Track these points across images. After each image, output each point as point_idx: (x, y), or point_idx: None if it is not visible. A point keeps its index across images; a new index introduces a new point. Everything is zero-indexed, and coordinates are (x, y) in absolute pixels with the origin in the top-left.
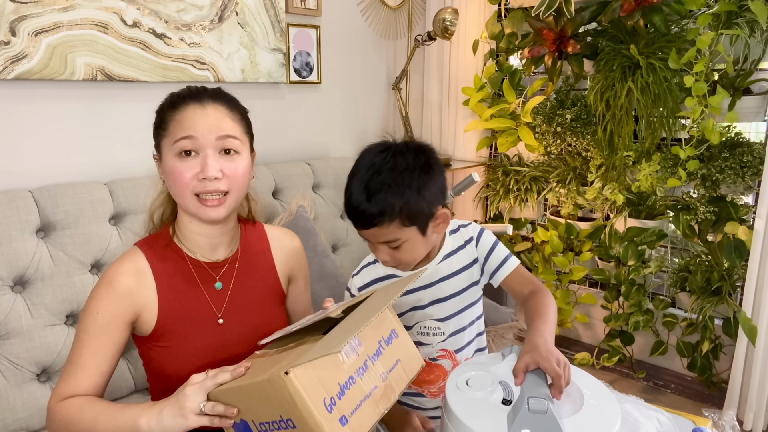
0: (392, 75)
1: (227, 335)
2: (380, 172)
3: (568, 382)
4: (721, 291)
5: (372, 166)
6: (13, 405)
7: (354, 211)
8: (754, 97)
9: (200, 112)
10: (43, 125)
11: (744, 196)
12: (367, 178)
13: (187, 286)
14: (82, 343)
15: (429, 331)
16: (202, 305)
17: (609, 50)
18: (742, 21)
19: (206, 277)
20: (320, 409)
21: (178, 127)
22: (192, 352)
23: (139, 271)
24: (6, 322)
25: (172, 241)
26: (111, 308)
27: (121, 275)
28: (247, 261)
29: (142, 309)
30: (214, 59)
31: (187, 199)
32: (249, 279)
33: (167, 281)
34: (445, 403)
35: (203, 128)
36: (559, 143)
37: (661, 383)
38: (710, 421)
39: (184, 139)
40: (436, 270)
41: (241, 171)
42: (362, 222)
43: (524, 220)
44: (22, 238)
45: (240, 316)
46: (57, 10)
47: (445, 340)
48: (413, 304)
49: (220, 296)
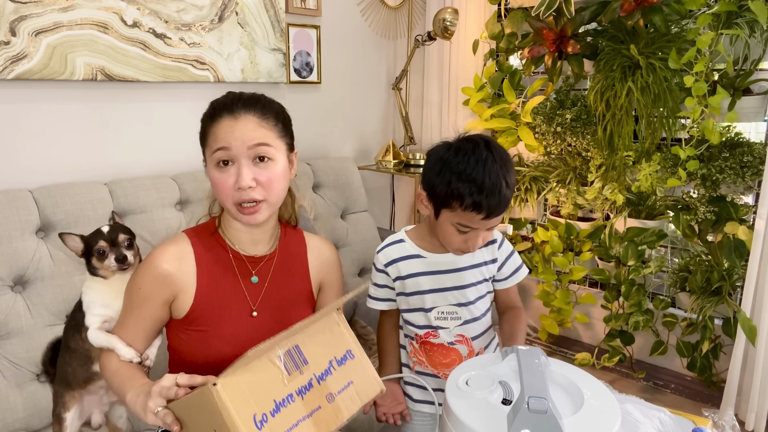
0: (392, 75)
1: (258, 328)
2: (496, 163)
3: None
4: (721, 291)
5: (488, 158)
6: (13, 405)
7: (494, 200)
8: (754, 97)
9: (233, 124)
10: (43, 125)
11: (744, 196)
12: (495, 170)
13: (226, 275)
14: (127, 310)
15: (447, 315)
16: (237, 296)
17: (609, 50)
18: (742, 21)
19: (245, 270)
20: (248, 425)
21: (214, 139)
22: (223, 339)
23: (181, 256)
24: (6, 322)
25: (217, 232)
26: (150, 286)
27: (163, 258)
28: (284, 260)
29: (179, 291)
30: (214, 59)
31: (228, 206)
32: (284, 277)
33: (208, 268)
34: (445, 403)
35: (236, 139)
36: (559, 143)
37: (661, 383)
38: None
39: (220, 150)
40: (461, 259)
41: (275, 176)
42: (498, 210)
43: (524, 220)
44: (22, 238)
45: (272, 312)
46: (57, 10)
47: (461, 326)
48: (437, 285)
49: (256, 290)
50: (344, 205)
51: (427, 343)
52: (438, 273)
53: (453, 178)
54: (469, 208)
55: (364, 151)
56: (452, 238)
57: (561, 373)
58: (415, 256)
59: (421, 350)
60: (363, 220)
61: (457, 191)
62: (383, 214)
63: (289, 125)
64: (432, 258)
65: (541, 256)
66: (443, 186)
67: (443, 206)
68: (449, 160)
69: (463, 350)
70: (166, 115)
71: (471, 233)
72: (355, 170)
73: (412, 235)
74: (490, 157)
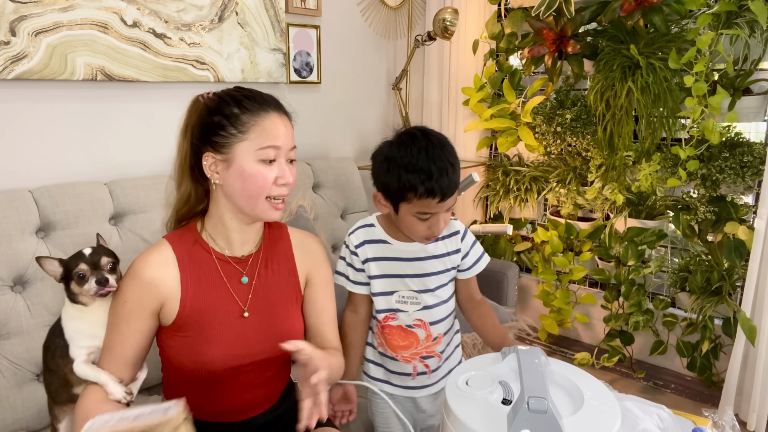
0: (392, 75)
1: (249, 329)
2: (436, 148)
3: None
4: (721, 291)
5: (428, 146)
6: (13, 405)
7: (444, 182)
8: (754, 97)
9: (280, 123)
10: (43, 125)
11: (744, 196)
12: (437, 155)
13: (211, 279)
14: (112, 327)
15: (407, 299)
16: (225, 299)
17: (609, 50)
18: (742, 21)
19: (232, 272)
20: None
21: (264, 135)
22: (214, 343)
23: (164, 263)
24: (6, 322)
25: (200, 236)
26: (136, 296)
27: (147, 266)
28: (269, 257)
29: (165, 298)
30: (214, 59)
31: (259, 201)
32: (271, 274)
33: (192, 273)
34: (445, 403)
35: (284, 139)
36: (559, 143)
37: (661, 383)
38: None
39: (271, 148)
40: (423, 248)
41: (295, 172)
42: (450, 191)
43: (524, 220)
44: (22, 238)
45: (263, 311)
46: (57, 10)
47: (420, 311)
48: (395, 271)
49: (245, 290)
50: (344, 205)
51: (386, 326)
52: (401, 260)
53: (402, 172)
54: (423, 196)
55: (364, 151)
56: (416, 228)
57: (561, 373)
58: (381, 241)
59: (381, 333)
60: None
61: (409, 183)
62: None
63: None
64: (397, 245)
65: (541, 256)
66: (395, 182)
67: (400, 200)
68: (393, 156)
69: (421, 334)
70: (166, 115)
71: (431, 218)
72: (355, 170)
73: (382, 220)
74: (429, 144)
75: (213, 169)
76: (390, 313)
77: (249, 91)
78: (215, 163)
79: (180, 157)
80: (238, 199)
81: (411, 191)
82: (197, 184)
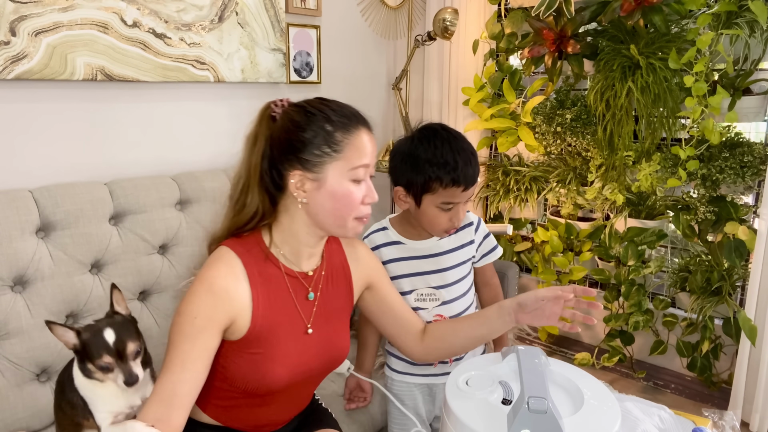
0: (392, 75)
1: (310, 345)
2: (457, 140)
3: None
4: (721, 291)
5: (449, 138)
6: (13, 405)
7: (468, 171)
8: (754, 97)
9: (369, 140)
10: (43, 125)
11: (744, 196)
12: (459, 146)
13: (280, 294)
14: (175, 348)
15: (426, 297)
16: (292, 315)
17: (609, 50)
18: (742, 21)
19: (298, 287)
20: None
21: (357, 154)
22: (277, 361)
23: (236, 275)
24: (6, 322)
25: (269, 250)
26: (208, 310)
27: (220, 278)
28: (330, 272)
29: (237, 314)
30: (214, 59)
31: (348, 220)
32: (333, 289)
33: (262, 289)
34: (445, 403)
35: (372, 156)
36: (559, 143)
37: (661, 383)
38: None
39: (362, 167)
40: (438, 244)
41: None
42: (473, 179)
43: (524, 220)
44: (22, 238)
45: (324, 327)
46: (57, 10)
47: (440, 306)
48: (415, 270)
49: (310, 306)
50: None
51: None
52: (417, 258)
53: (427, 165)
54: (449, 185)
55: None
56: (438, 220)
57: (561, 373)
58: (395, 242)
59: None
60: None
61: (435, 174)
62: (383, 214)
63: None
64: (411, 244)
65: (541, 256)
66: (420, 175)
67: (424, 192)
68: (417, 150)
69: None
70: (166, 115)
71: (453, 209)
72: None
73: (395, 222)
74: (450, 136)
75: (300, 187)
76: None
77: (336, 104)
78: (303, 181)
79: (247, 168)
80: (326, 218)
81: (437, 181)
82: (266, 195)
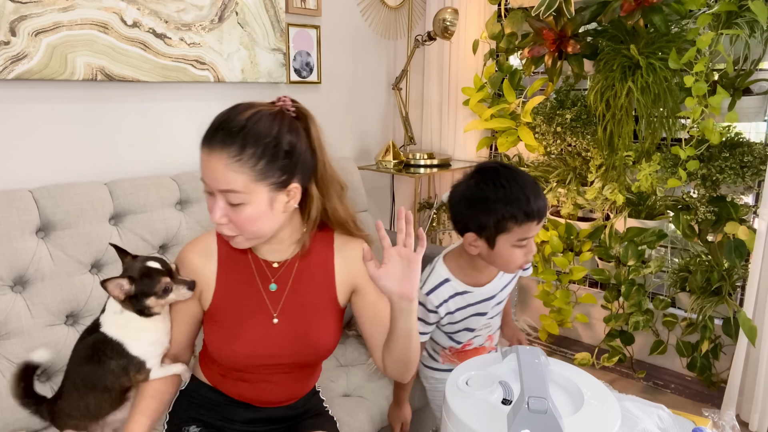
0: (392, 75)
1: (276, 333)
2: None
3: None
4: (721, 291)
5: (512, 174)
6: (13, 405)
7: (540, 203)
8: (754, 97)
9: (206, 159)
10: (43, 125)
11: (744, 196)
12: (523, 181)
13: (245, 280)
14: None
15: (484, 327)
16: (257, 301)
17: (609, 50)
18: (742, 21)
19: (264, 276)
20: None
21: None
22: (245, 343)
23: (207, 252)
24: (6, 322)
25: None
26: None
27: (190, 253)
28: (305, 266)
29: (203, 286)
30: (214, 59)
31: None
32: (305, 284)
33: (228, 269)
34: (445, 403)
35: (207, 177)
36: (559, 143)
37: (661, 383)
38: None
39: (202, 180)
40: (497, 284)
41: (248, 219)
42: (545, 210)
43: None
44: (22, 238)
45: (294, 318)
46: (57, 10)
47: (490, 328)
48: (479, 311)
49: (276, 297)
50: None
51: (462, 352)
52: (483, 302)
53: (499, 205)
54: (524, 221)
55: (364, 151)
56: (513, 257)
57: (561, 373)
58: (462, 293)
59: (455, 356)
60: (363, 220)
61: (509, 212)
62: (383, 214)
63: (282, 158)
64: (477, 292)
65: (541, 256)
66: (492, 218)
67: (498, 233)
68: (483, 193)
69: (488, 344)
70: (166, 115)
71: (527, 244)
72: (355, 170)
73: (454, 269)
74: (513, 173)
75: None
76: (468, 341)
77: (217, 119)
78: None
79: None
80: None
81: (511, 220)
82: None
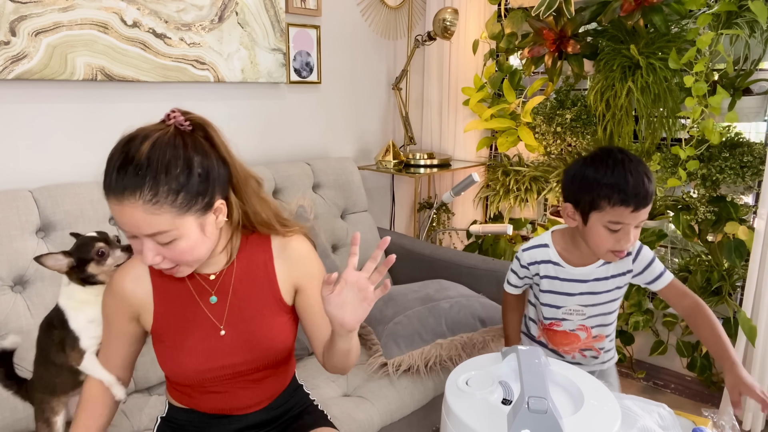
0: (392, 75)
1: (225, 344)
2: (633, 162)
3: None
4: (721, 291)
5: (624, 159)
6: (13, 405)
7: (639, 190)
8: (754, 97)
9: (118, 209)
10: (44, 125)
11: (744, 196)
12: (633, 168)
13: (183, 296)
14: (104, 326)
15: (573, 312)
16: (199, 316)
17: (609, 50)
18: (742, 21)
19: (202, 290)
20: None
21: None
22: (194, 355)
23: (138, 276)
24: (6, 322)
25: None
26: (110, 308)
27: (120, 279)
28: (243, 273)
29: (140, 309)
30: (214, 59)
31: None
32: (247, 291)
33: (164, 288)
34: (445, 402)
35: (128, 226)
36: (559, 143)
37: (661, 383)
38: (710, 421)
39: (120, 228)
40: (593, 271)
41: (184, 250)
42: (644, 202)
43: (524, 220)
44: (22, 238)
45: (241, 326)
46: (57, 10)
47: (585, 320)
48: (567, 290)
49: (219, 308)
50: (344, 205)
51: (550, 330)
52: (572, 281)
53: (596, 184)
54: (617, 204)
55: (364, 151)
56: (604, 241)
57: (561, 373)
58: (555, 263)
59: (544, 333)
60: (363, 220)
61: (604, 192)
62: (383, 214)
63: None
64: (570, 270)
65: None
66: (589, 193)
67: (592, 209)
68: (587, 171)
69: (582, 335)
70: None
71: (621, 231)
72: (355, 170)
73: (558, 240)
74: (626, 158)
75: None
76: (555, 321)
77: (111, 164)
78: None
79: None
80: None
81: (605, 199)
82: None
